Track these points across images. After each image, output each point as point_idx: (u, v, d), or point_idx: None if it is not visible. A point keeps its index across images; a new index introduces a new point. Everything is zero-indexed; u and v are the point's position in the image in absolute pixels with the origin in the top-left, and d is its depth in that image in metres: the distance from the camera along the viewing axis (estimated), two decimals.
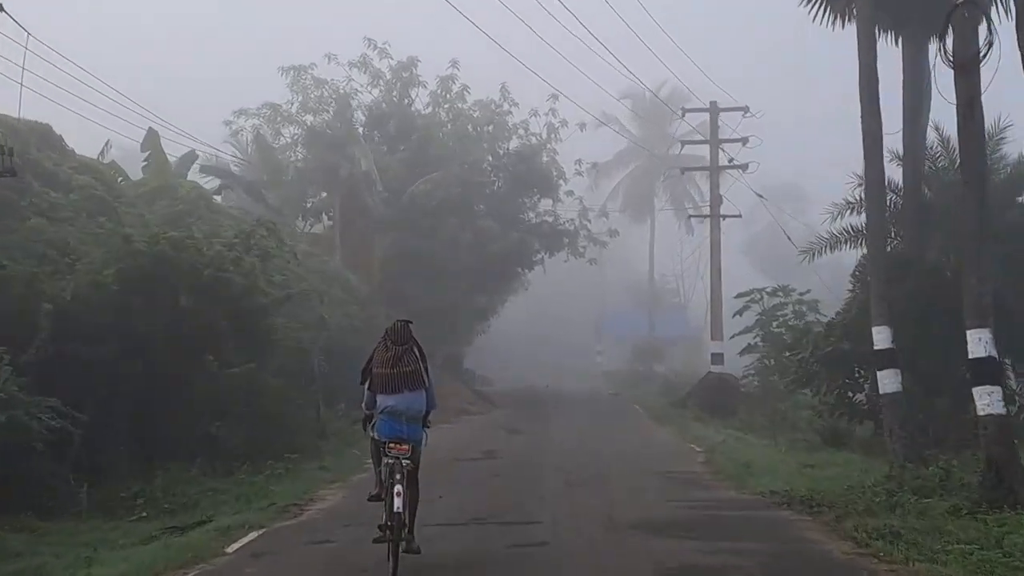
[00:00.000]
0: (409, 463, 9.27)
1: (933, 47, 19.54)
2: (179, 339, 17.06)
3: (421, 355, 9.49)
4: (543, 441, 23.39)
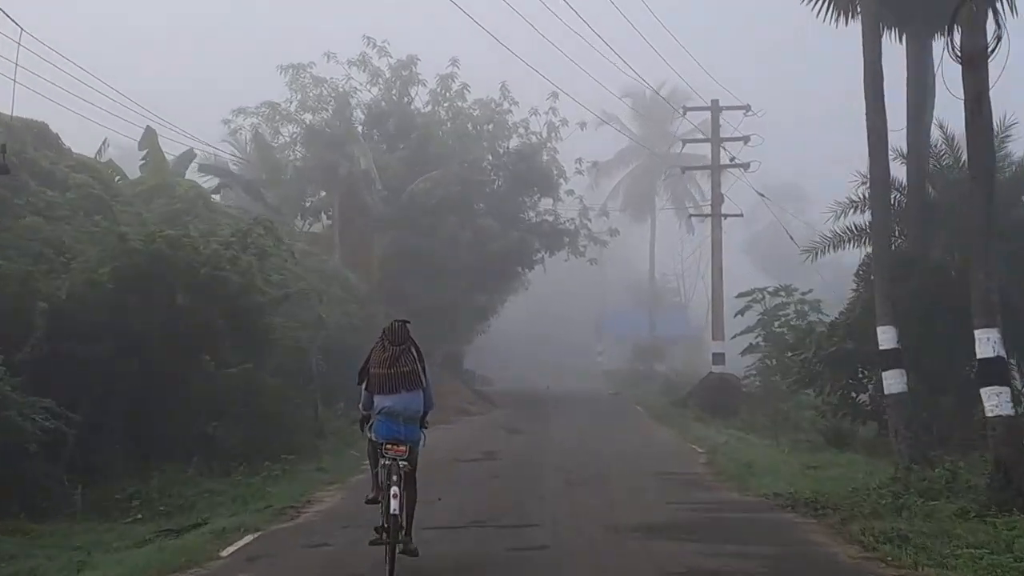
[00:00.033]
0: (406, 464, 9.17)
1: (937, 44, 19.57)
2: (175, 338, 16.94)
3: (419, 355, 9.40)
4: (543, 441, 23.23)
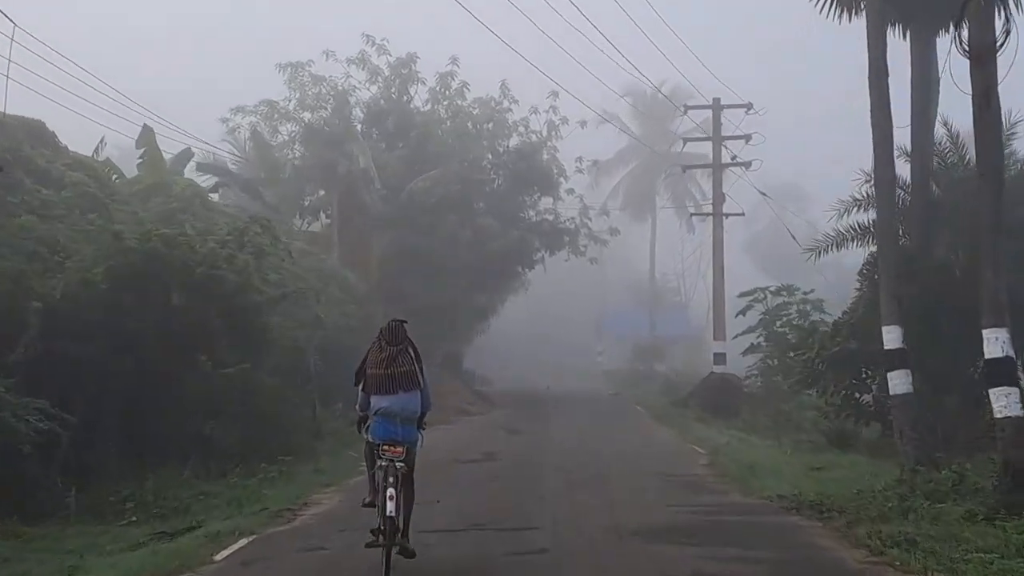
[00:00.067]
0: (403, 466, 9.06)
1: (941, 41, 19.41)
2: (171, 338, 16.75)
3: (416, 355, 9.28)
4: (543, 442, 23.02)
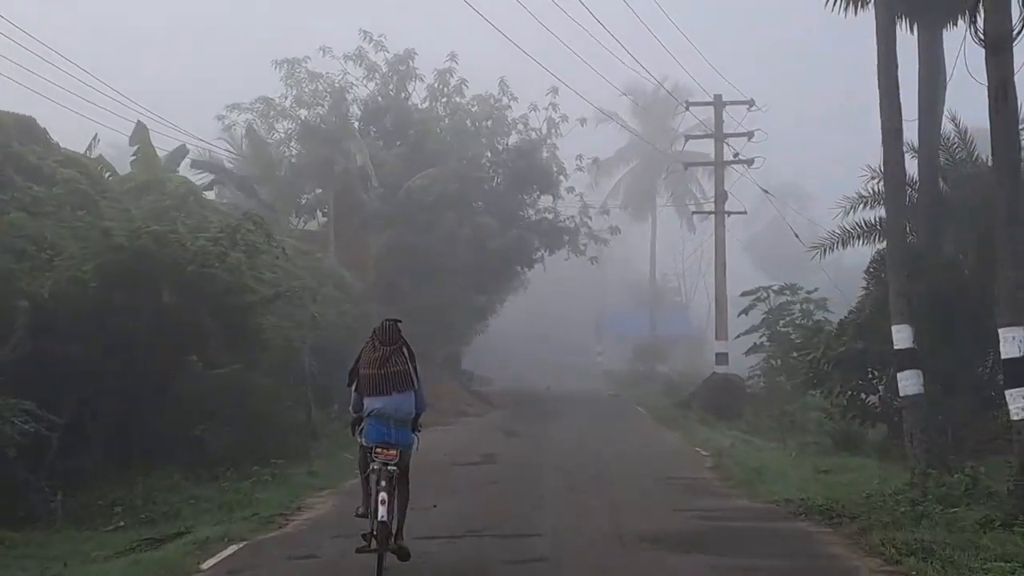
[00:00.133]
0: (395, 469, 8.80)
1: (948, 34, 19.05)
2: (162, 337, 16.32)
3: (410, 355, 8.99)
4: (543, 444, 22.62)
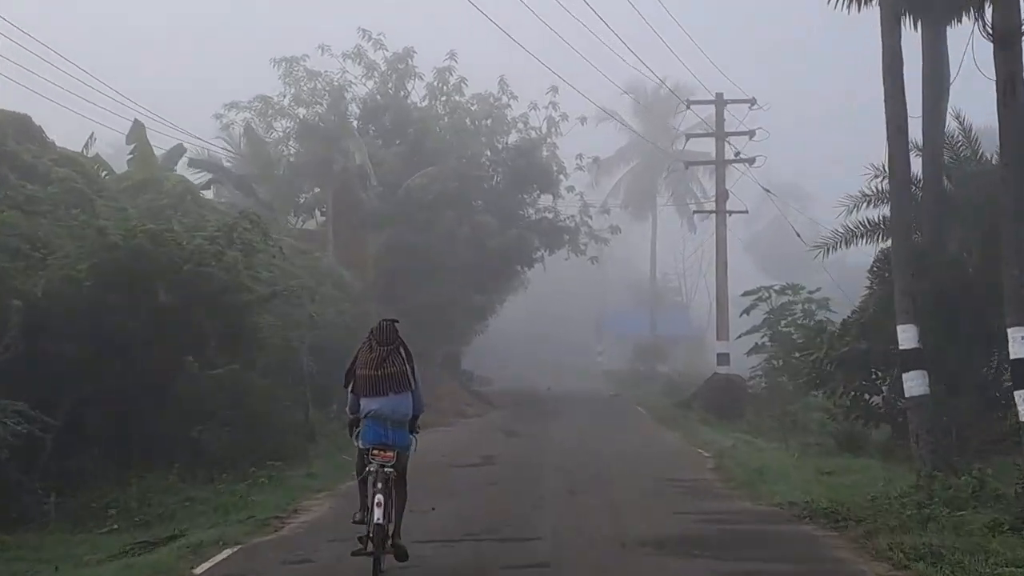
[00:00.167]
0: (392, 471, 8.65)
1: (952, 31, 18.85)
2: (158, 337, 16.12)
3: (408, 356, 8.82)
4: (543, 445, 22.42)
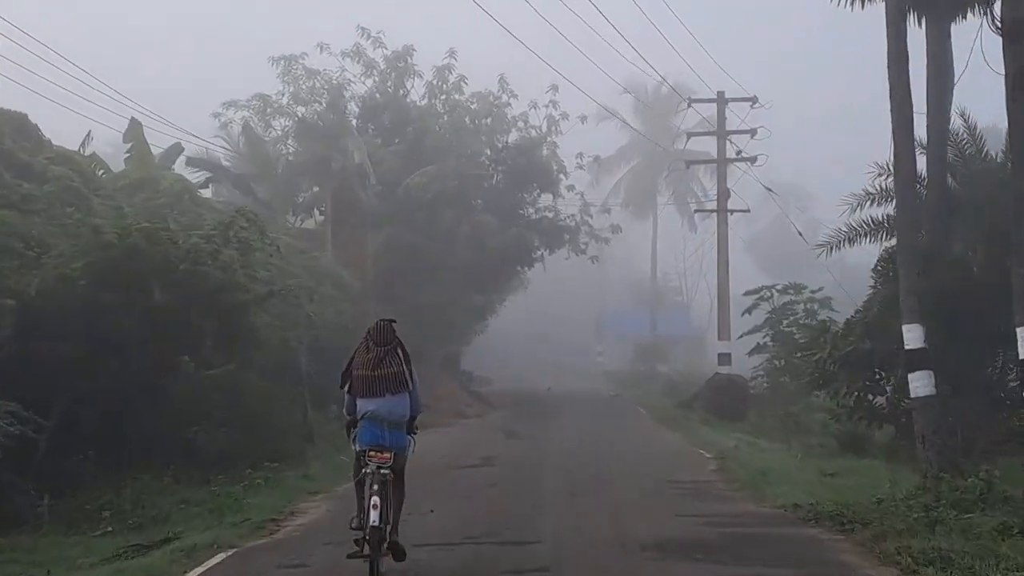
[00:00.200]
0: (389, 473, 8.51)
1: (958, 28, 18.67)
2: (154, 337, 15.97)
3: (405, 356, 8.65)
4: (543, 445, 22.24)
